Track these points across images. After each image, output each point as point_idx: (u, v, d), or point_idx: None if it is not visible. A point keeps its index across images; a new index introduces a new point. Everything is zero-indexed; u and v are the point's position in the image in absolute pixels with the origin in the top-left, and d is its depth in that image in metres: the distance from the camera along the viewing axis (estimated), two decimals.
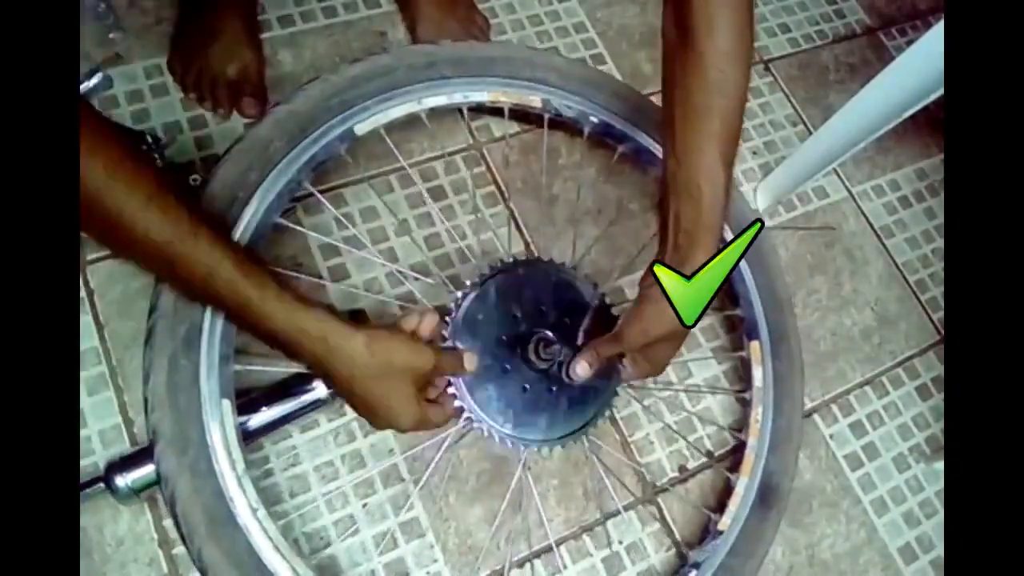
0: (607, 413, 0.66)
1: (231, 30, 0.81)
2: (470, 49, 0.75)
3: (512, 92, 0.76)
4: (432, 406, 0.60)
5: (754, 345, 0.77)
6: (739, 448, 0.76)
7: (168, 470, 0.55)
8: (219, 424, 0.57)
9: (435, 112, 0.74)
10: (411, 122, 0.74)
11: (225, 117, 0.82)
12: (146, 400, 0.56)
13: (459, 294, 0.64)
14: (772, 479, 0.73)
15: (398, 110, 0.70)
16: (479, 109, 0.84)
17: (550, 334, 0.63)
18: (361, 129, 0.69)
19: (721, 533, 0.70)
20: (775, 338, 0.78)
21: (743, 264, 0.77)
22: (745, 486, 0.72)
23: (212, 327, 0.59)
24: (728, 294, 0.80)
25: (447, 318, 0.63)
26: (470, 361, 0.60)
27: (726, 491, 0.74)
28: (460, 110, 0.76)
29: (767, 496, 0.73)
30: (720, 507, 0.73)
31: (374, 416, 0.56)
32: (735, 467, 0.75)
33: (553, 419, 0.64)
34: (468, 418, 0.62)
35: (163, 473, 0.55)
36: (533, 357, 0.62)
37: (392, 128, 0.72)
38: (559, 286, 0.68)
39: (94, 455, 0.67)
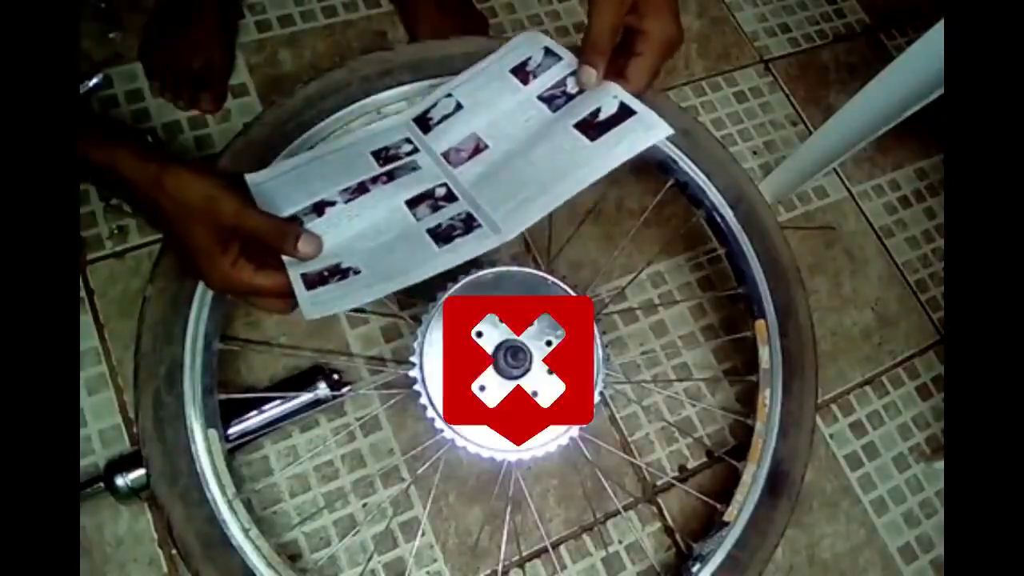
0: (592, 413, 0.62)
1: (203, 25, 0.82)
2: (427, 50, 0.72)
3: None
4: (254, 270, 0.52)
5: (759, 324, 0.73)
6: (745, 440, 0.73)
7: (162, 499, 0.57)
8: (207, 453, 0.59)
9: None
10: None
11: (184, 109, 0.82)
12: (138, 435, 0.58)
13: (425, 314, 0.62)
14: (782, 466, 0.70)
15: (357, 124, 0.68)
16: None
17: (517, 339, 0.62)
18: None
19: (727, 524, 0.68)
20: (782, 314, 0.73)
21: (744, 239, 0.75)
22: (753, 474, 0.69)
23: (193, 362, 0.60)
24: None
25: (415, 344, 0.61)
26: (307, 244, 0.53)
27: (732, 482, 0.71)
28: None
29: (777, 484, 0.69)
30: (726, 498, 0.70)
31: (182, 261, 0.53)
32: (742, 456, 0.71)
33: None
34: (451, 439, 0.60)
35: (159, 502, 0.57)
36: (504, 367, 0.61)
37: None
38: (525, 288, 0.65)
39: (94, 455, 0.67)
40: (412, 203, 0.59)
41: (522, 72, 0.64)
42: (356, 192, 0.59)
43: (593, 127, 0.57)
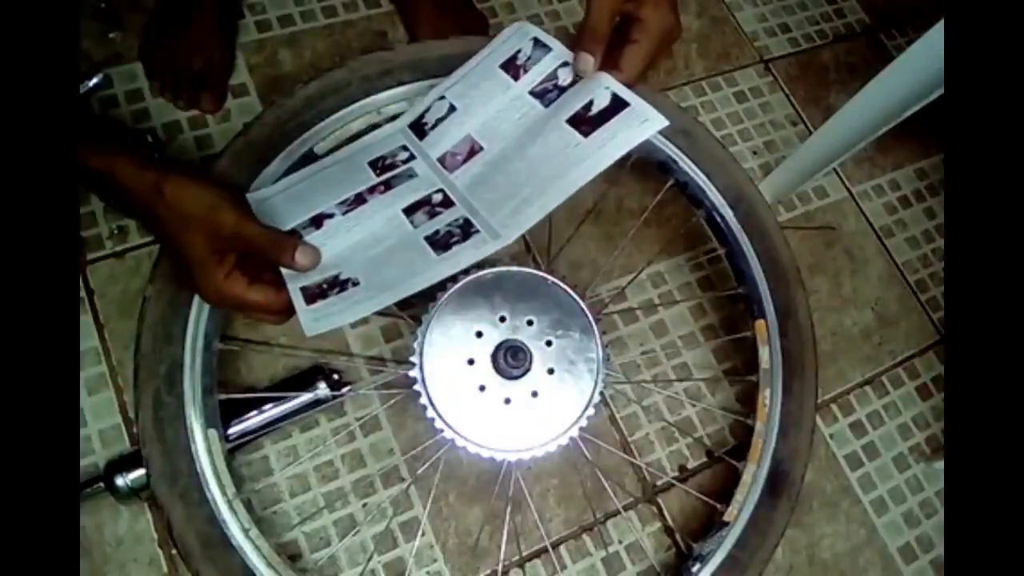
0: (593, 412, 0.62)
1: (203, 25, 0.82)
2: (427, 50, 0.71)
3: None
4: (247, 284, 0.52)
5: (759, 324, 0.73)
6: (745, 440, 0.73)
7: (162, 499, 0.57)
8: (207, 453, 0.59)
9: None
10: None
11: (184, 109, 0.82)
12: (138, 435, 0.58)
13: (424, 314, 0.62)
14: (782, 466, 0.70)
15: (357, 124, 0.68)
16: None
17: (517, 340, 0.62)
18: (321, 149, 0.67)
19: (727, 524, 0.68)
20: (782, 314, 0.73)
21: (744, 239, 0.75)
22: (753, 473, 0.69)
23: (193, 362, 0.60)
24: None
25: (415, 344, 0.61)
26: (304, 255, 0.53)
27: (732, 482, 0.71)
28: None
29: (777, 484, 0.69)
30: (726, 498, 0.70)
31: (177, 271, 0.53)
32: (742, 456, 0.71)
33: (538, 425, 0.61)
34: (451, 439, 0.60)
35: (159, 502, 0.57)
36: (504, 367, 0.61)
37: None
38: (524, 288, 0.64)
39: (94, 455, 0.67)
40: (409, 211, 0.59)
41: (513, 67, 0.63)
42: (354, 203, 0.59)
43: (587, 121, 0.57)
